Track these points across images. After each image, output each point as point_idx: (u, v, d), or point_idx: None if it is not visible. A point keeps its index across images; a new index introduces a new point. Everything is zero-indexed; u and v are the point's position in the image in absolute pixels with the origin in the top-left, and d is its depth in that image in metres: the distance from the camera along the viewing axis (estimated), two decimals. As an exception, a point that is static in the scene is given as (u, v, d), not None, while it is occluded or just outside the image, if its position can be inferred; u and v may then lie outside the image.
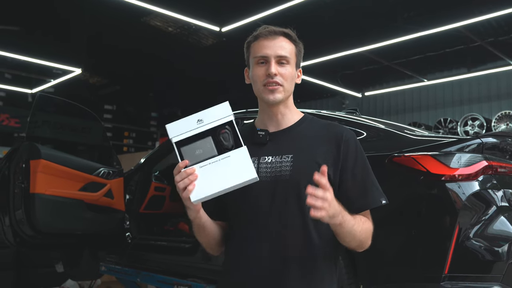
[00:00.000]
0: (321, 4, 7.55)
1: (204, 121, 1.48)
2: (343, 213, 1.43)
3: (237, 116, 3.48)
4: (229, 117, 1.48)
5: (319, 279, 1.56)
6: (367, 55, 9.36)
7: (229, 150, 1.46)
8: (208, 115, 1.49)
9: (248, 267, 1.56)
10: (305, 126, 1.67)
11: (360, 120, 3.03)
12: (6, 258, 5.34)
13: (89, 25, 8.88)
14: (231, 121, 1.48)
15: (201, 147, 1.46)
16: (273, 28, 1.65)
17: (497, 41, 9.06)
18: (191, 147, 1.46)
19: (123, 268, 4.12)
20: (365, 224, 1.54)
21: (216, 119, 1.48)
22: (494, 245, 2.20)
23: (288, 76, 1.62)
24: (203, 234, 1.61)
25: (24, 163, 3.44)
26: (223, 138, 1.47)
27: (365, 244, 1.57)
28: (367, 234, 1.55)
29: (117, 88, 13.00)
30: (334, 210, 1.38)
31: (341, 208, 1.42)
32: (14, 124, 10.90)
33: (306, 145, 1.61)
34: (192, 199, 1.42)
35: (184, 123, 1.49)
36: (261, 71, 1.61)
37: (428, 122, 11.04)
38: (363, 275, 2.46)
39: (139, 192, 4.34)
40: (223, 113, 1.49)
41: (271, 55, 1.60)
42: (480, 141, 2.40)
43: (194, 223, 1.56)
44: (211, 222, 1.61)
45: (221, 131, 1.47)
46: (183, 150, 1.46)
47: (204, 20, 7.69)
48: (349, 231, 1.48)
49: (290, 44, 1.64)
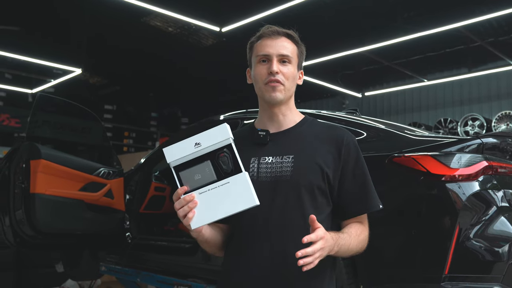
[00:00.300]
0: (321, 4, 7.55)
1: (202, 145, 1.44)
2: (338, 241, 1.47)
3: (238, 116, 3.48)
4: (227, 140, 1.43)
5: (319, 279, 1.56)
6: (367, 55, 9.36)
7: (229, 175, 1.43)
8: (205, 138, 1.45)
9: (249, 267, 1.56)
10: (306, 127, 1.68)
11: (360, 120, 3.03)
12: (7, 258, 5.34)
13: (89, 25, 8.88)
14: (230, 145, 1.44)
15: (200, 171, 1.44)
16: (276, 28, 1.67)
17: (498, 41, 9.05)
18: (190, 172, 1.44)
19: (123, 268, 4.12)
20: (360, 236, 1.58)
21: (214, 143, 1.44)
22: (494, 245, 2.19)
23: (290, 75, 1.63)
24: (206, 246, 1.64)
25: (24, 163, 3.45)
26: (222, 162, 1.43)
27: (361, 251, 1.61)
28: (363, 244, 1.60)
29: (117, 88, 13.00)
30: (328, 249, 1.42)
31: (336, 238, 1.46)
32: (14, 124, 10.89)
33: (307, 146, 1.61)
34: (192, 226, 1.43)
35: (181, 146, 1.45)
36: (262, 70, 1.63)
37: (428, 122, 11.04)
38: (363, 275, 2.45)
39: (139, 192, 4.34)
40: (221, 136, 1.44)
41: (273, 53, 1.62)
42: (480, 141, 2.40)
43: (197, 239, 1.57)
44: (213, 234, 1.61)
45: (219, 154, 1.44)
46: (181, 174, 1.45)
47: (204, 20, 7.68)
48: (346, 250, 1.53)
49: (292, 44, 1.66)
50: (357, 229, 1.58)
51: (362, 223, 1.63)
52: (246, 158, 1.56)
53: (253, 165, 1.60)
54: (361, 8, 7.96)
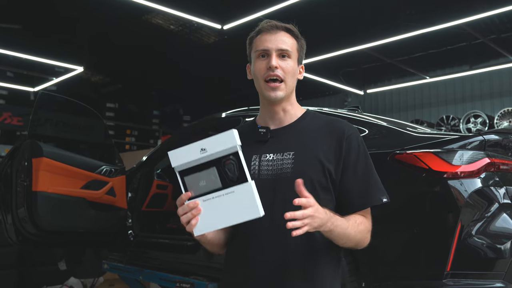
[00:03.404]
0: (323, 1, 7.54)
1: (208, 151, 1.40)
2: (332, 220, 1.42)
3: (239, 114, 3.48)
4: (234, 148, 1.38)
5: (322, 276, 1.55)
6: (369, 52, 9.35)
7: (234, 183, 1.38)
8: (212, 143, 1.40)
9: (250, 265, 1.56)
10: (306, 122, 1.66)
11: (362, 118, 3.02)
12: (9, 256, 5.35)
13: (91, 23, 8.90)
14: (237, 152, 1.38)
15: (205, 178, 1.41)
16: (275, 22, 1.65)
17: (499, 38, 9.04)
18: (195, 177, 1.42)
19: (125, 266, 4.12)
20: (360, 226, 1.53)
21: (220, 149, 1.39)
22: (496, 242, 2.19)
23: (290, 71, 1.61)
24: (208, 246, 1.63)
25: (26, 161, 3.45)
26: (228, 170, 1.39)
27: (362, 243, 1.56)
28: (363, 235, 1.55)
29: (119, 86, 13.02)
30: (319, 221, 1.37)
31: (330, 215, 1.42)
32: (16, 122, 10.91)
33: (307, 142, 1.60)
34: (195, 233, 1.41)
35: (187, 150, 1.42)
36: (262, 65, 1.61)
37: (430, 119, 11.03)
38: (365, 272, 2.45)
39: (141, 190, 4.34)
40: (228, 143, 1.38)
41: (272, 48, 1.60)
42: (482, 138, 2.39)
43: (200, 241, 1.57)
44: (215, 235, 1.61)
45: (226, 161, 1.39)
46: (186, 180, 1.43)
47: (205, 18, 7.68)
48: (342, 235, 1.48)
49: (291, 39, 1.64)
50: (357, 218, 1.53)
51: (365, 217, 1.58)
52: (248, 156, 1.54)
53: (254, 163, 1.59)
54: (363, 5, 7.95)
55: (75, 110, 4.59)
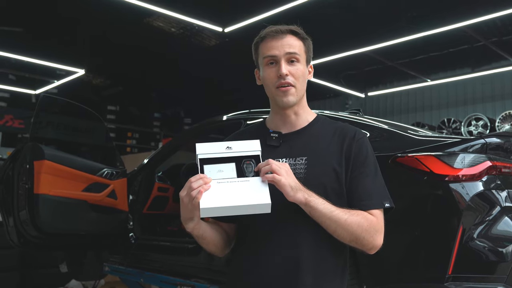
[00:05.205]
0: (325, 4, 7.54)
1: (233, 149, 1.52)
2: (309, 193, 1.44)
3: (241, 117, 3.48)
4: (257, 152, 1.52)
5: (331, 278, 1.56)
6: (370, 55, 9.35)
7: None
8: (238, 145, 1.53)
9: (262, 268, 1.55)
10: (318, 127, 1.66)
11: (363, 121, 3.02)
12: (11, 259, 5.36)
13: (92, 26, 8.91)
14: (258, 156, 1.51)
15: (223, 169, 1.49)
16: (279, 27, 1.63)
17: (501, 40, 9.04)
18: (214, 167, 1.49)
19: (126, 269, 4.12)
20: (355, 216, 1.48)
21: (244, 150, 1.52)
22: (498, 245, 2.19)
23: (300, 75, 1.61)
24: (203, 242, 1.61)
25: (28, 163, 3.45)
26: (246, 168, 1.49)
27: (363, 239, 1.50)
28: (361, 228, 1.48)
29: (120, 89, 13.03)
30: (293, 181, 1.42)
31: (306, 189, 1.45)
32: (18, 125, 10.94)
33: (319, 147, 1.60)
34: (202, 205, 1.42)
35: (214, 145, 1.53)
36: (272, 73, 1.61)
37: (431, 122, 11.02)
38: (366, 275, 2.45)
39: (142, 192, 4.34)
40: (252, 147, 1.53)
41: (280, 55, 1.59)
42: (484, 141, 2.39)
43: (193, 234, 1.55)
44: (210, 231, 1.60)
45: (246, 161, 1.50)
46: (205, 167, 1.49)
47: (207, 21, 7.70)
48: (329, 218, 1.46)
49: (298, 41, 1.63)
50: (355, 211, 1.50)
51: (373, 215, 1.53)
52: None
53: None
54: (364, 8, 7.96)
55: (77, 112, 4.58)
